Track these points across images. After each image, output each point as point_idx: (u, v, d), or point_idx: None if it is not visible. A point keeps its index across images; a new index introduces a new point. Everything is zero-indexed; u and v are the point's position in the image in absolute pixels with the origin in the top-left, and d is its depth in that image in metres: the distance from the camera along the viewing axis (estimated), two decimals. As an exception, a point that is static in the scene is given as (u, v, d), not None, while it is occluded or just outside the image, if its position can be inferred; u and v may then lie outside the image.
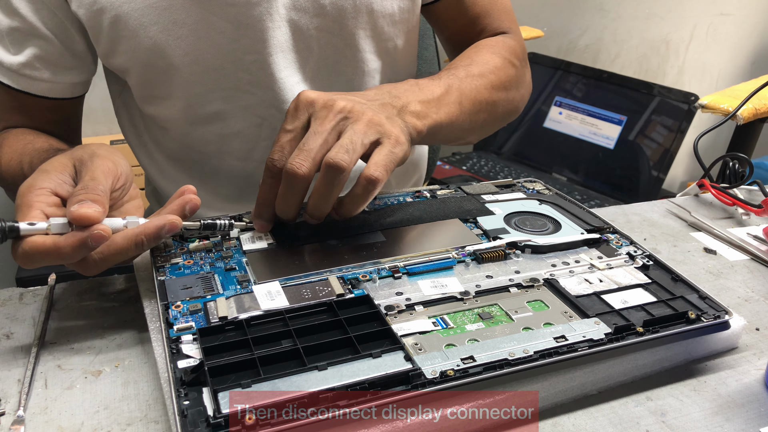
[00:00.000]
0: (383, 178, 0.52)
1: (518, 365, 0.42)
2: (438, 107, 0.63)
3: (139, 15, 0.64)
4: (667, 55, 2.33)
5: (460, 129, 0.68)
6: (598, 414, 0.45)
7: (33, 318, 0.54)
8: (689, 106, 1.61)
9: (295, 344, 0.43)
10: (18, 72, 0.67)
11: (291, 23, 0.68)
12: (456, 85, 0.66)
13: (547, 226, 0.61)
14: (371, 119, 0.54)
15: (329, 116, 0.53)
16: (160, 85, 0.70)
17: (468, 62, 0.71)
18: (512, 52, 0.76)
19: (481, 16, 0.78)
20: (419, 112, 0.60)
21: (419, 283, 0.51)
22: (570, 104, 1.82)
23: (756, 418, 0.45)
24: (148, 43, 0.66)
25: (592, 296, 0.50)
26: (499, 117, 0.75)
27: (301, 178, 0.51)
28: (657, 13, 2.22)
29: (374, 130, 0.54)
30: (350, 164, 0.51)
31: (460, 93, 0.66)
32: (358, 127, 0.53)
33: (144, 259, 0.56)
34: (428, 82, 0.64)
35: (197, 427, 0.37)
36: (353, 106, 0.54)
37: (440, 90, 0.64)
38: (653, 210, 0.77)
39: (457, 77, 0.67)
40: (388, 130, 0.55)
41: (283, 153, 0.53)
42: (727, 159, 0.79)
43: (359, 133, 0.53)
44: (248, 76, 0.69)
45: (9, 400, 0.45)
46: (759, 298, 0.59)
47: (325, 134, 0.53)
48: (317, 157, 0.52)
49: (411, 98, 0.61)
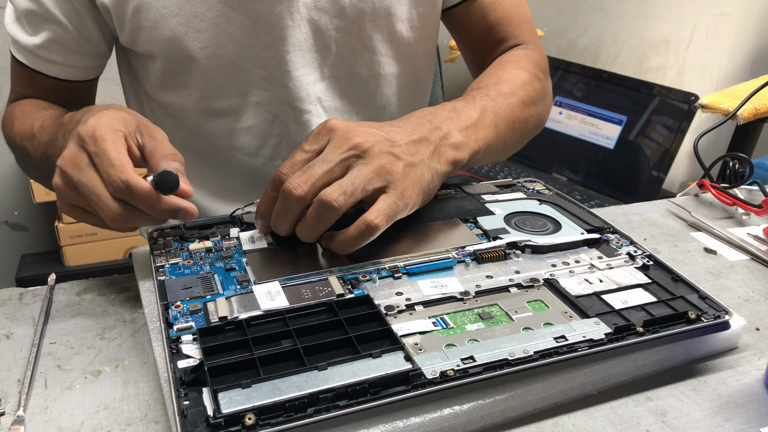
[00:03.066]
0: (382, 226, 0.51)
1: (518, 365, 0.42)
2: (476, 133, 0.62)
3: (160, 6, 0.66)
4: (667, 55, 2.33)
5: (495, 151, 0.67)
6: (598, 414, 0.45)
7: (33, 318, 0.54)
8: (689, 106, 1.61)
9: (295, 344, 0.43)
10: (33, 52, 0.69)
11: (311, 22, 0.69)
12: (490, 107, 0.65)
13: (547, 226, 0.61)
14: (383, 167, 0.52)
15: (342, 147, 0.52)
16: (179, 74, 0.71)
17: (496, 80, 0.70)
18: (537, 65, 0.75)
19: (501, 23, 0.77)
20: (459, 143, 0.59)
21: (419, 283, 0.51)
22: (570, 104, 1.82)
23: (756, 418, 0.45)
24: (168, 34, 0.67)
25: (592, 296, 0.50)
26: (529, 133, 0.74)
27: (295, 199, 0.51)
28: (657, 13, 2.22)
29: (382, 178, 0.52)
30: (343, 206, 0.50)
31: (495, 115, 0.65)
32: (366, 170, 0.52)
33: (144, 259, 0.56)
34: (464, 105, 0.63)
35: (197, 427, 0.37)
36: (371, 147, 0.53)
37: (476, 114, 0.63)
38: (653, 210, 0.77)
39: (490, 97, 0.66)
40: (398, 180, 0.53)
41: (292, 169, 0.53)
42: (727, 159, 0.79)
43: (364, 177, 0.51)
44: (264, 73, 0.70)
45: (9, 400, 0.45)
46: (759, 298, 0.59)
47: (332, 164, 0.51)
48: (318, 183, 0.51)
49: (451, 128, 0.59)
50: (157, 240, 0.57)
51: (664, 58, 2.33)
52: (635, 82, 1.73)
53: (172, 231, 0.58)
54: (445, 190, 0.68)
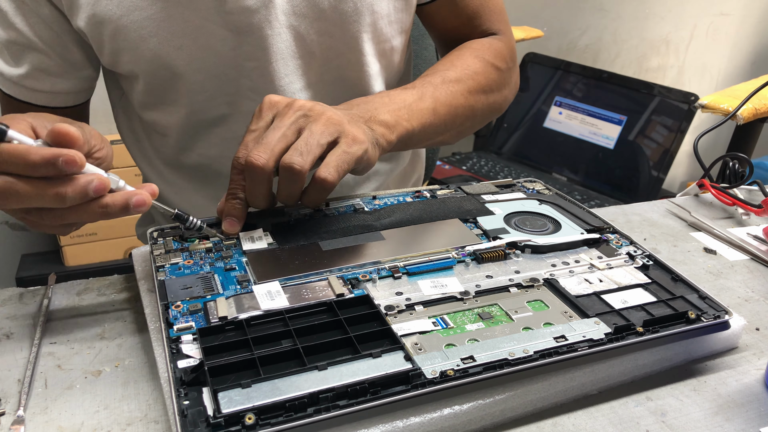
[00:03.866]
0: (334, 179, 0.53)
1: (518, 365, 0.42)
2: (410, 115, 0.65)
3: (137, 27, 0.64)
4: (667, 55, 2.33)
5: (435, 132, 0.69)
6: (598, 414, 0.45)
7: (33, 318, 0.54)
8: (689, 106, 1.61)
9: (295, 344, 0.43)
10: (19, 83, 0.68)
11: (291, 29, 0.68)
12: (430, 92, 0.68)
13: (547, 226, 0.61)
14: (330, 118, 0.55)
15: (289, 113, 0.55)
16: (166, 92, 0.70)
17: (447, 67, 0.72)
18: (497, 54, 0.77)
19: (473, 16, 0.79)
20: (388, 121, 0.62)
21: (419, 283, 0.51)
22: (570, 104, 1.82)
23: (756, 418, 0.45)
24: (149, 54, 0.66)
25: (592, 296, 0.50)
26: (479, 119, 0.76)
27: (260, 169, 0.52)
28: (657, 13, 2.23)
29: (332, 128, 0.55)
30: (304, 166, 0.52)
31: (435, 99, 0.68)
32: (315, 127, 0.54)
33: (144, 259, 0.56)
34: (400, 91, 0.66)
35: (197, 427, 0.37)
36: (313, 106, 0.56)
37: (412, 98, 0.66)
38: (653, 210, 0.77)
39: (432, 84, 0.69)
40: (347, 129, 0.56)
41: (246, 150, 0.55)
42: (727, 159, 0.79)
43: (316, 134, 0.54)
44: (249, 83, 0.70)
45: (9, 400, 0.45)
46: (759, 298, 0.59)
47: (283, 128, 0.54)
48: (276, 149, 0.53)
49: (380, 109, 0.63)
50: (157, 240, 0.57)
51: (664, 58, 2.33)
52: (635, 82, 1.73)
53: (172, 231, 0.58)
54: (445, 190, 0.68)
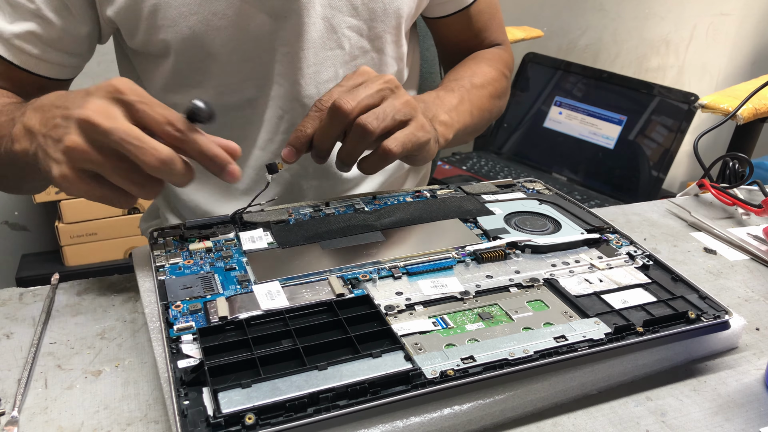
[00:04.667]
0: (398, 152, 0.57)
1: (518, 365, 0.42)
2: (458, 116, 0.71)
3: (179, 4, 0.66)
4: (667, 55, 2.33)
5: (468, 133, 0.76)
6: (598, 414, 0.45)
7: (33, 318, 0.54)
8: (689, 106, 1.61)
9: (295, 344, 0.43)
10: (8, 41, 0.66)
11: (325, 20, 0.71)
12: (467, 96, 0.75)
13: (547, 226, 0.61)
14: (409, 101, 0.60)
15: (379, 81, 0.60)
16: (194, 73, 0.71)
17: (471, 74, 0.79)
18: (505, 64, 0.86)
19: (482, 30, 0.87)
20: (446, 121, 0.68)
21: (419, 283, 0.51)
22: (570, 104, 1.82)
23: (756, 418, 0.45)
24: (187, 32, 0.67)
25: (592, 296, 0.50)
26: (489, 121, 0.84)
27: (345, 112, 0.56)
28: (657, 13, 2.22)
29: (408, 110, 0.59)
30: (376, 130, 0.56)
31: (471, 103, 0.75)
32: (396, 103, 0.59)
33: (144, 259, 0.56)
34: (445, 94, 0.73)
35: (197, 427, 0.37)
36: (400, 85, 0.61)
37: (456, 101, 0.72)
38: (653, 210, 0.77)
39: (465, 88, 0.76)
40: (419, 116, 0.61)
41: (330, 96, 0.58)
42: (727, 159, 0.79)
43: (394, 108, 0.58)
44: (280, 68, 0.72)
45: (9, 400, 0.45)
46: (759, 298, 0.59)
47: (372, 91, 0.58)
48: (362, 103, 0.57)
49: (438, 109, 0.68)
50: (157, 240, 0.57)
51: (664, 58, 2.33)
52: (635, 82, 1.73)
53: (172, 231, 0.58)
54: (446, 190, 0.68)
